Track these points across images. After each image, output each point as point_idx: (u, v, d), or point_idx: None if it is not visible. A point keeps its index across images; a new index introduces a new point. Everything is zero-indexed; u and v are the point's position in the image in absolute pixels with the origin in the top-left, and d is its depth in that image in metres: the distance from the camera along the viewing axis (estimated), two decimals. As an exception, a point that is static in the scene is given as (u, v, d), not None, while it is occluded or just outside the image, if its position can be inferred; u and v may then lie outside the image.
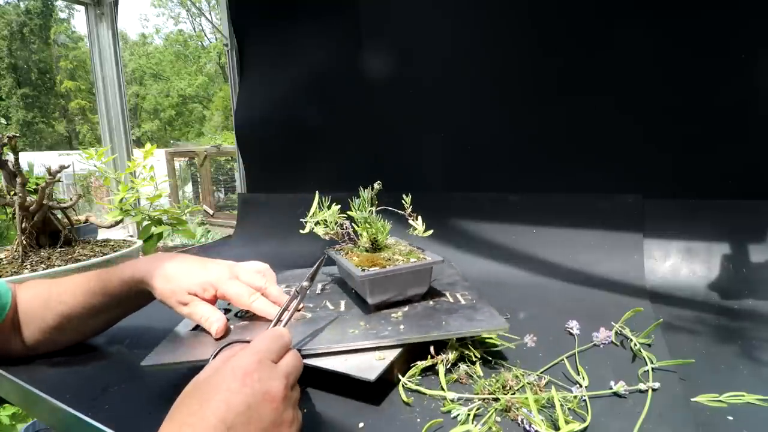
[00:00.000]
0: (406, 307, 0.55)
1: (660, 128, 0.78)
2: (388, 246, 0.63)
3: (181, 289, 0.49)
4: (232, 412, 0.30)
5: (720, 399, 0.41)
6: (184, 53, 19.40)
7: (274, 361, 0.36)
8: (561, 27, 0.84)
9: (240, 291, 0.50)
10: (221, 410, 0.30)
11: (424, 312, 0.52)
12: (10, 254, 0.91)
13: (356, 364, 0.43)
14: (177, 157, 5.71)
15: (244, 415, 0.31)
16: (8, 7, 15.17)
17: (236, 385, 0.32)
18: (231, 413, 0.30)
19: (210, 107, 17.83)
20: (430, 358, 0.47)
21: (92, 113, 15.73)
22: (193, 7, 17.64)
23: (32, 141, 15.81)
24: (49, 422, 0.47)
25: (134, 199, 1.31)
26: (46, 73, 16.32)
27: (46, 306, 0.53)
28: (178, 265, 0.51)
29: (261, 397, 0.32)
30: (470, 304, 0.54)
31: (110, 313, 0.55)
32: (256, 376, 0.33)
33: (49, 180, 0.94)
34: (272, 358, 0.36)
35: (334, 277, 0.69)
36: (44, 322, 0.53)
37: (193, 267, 0.51)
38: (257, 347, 0.36)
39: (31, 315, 0.53)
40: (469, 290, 0.59)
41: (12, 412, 1.27)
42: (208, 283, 0.50)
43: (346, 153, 1.14)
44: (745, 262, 0.70)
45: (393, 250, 0.61)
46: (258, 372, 0.33)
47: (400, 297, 0.55)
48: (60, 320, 0.52)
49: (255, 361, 0.34)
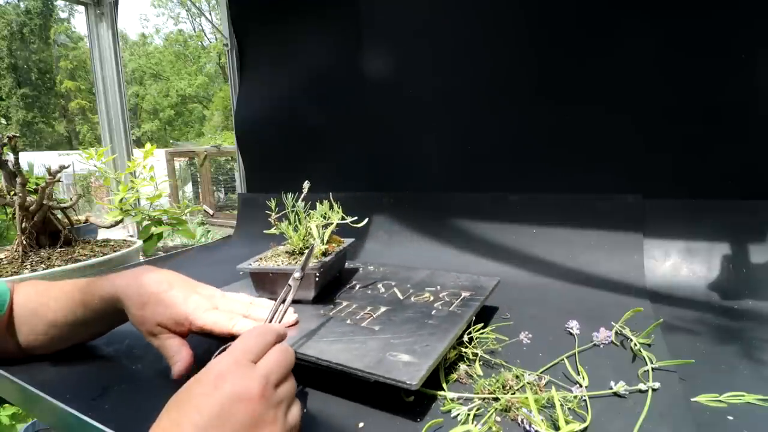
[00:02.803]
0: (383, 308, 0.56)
1: (660, 128, 0.78)
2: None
3: (153, 320, 0.46)
4: (204, 416, 0.30)
5: (720, 399, 0.41)
6: (184, 53, 19.40)
7: (254, 360, 0.35)
8: (561, 27, 0.84)
9: (217, 318, 0.46)
10: (194, 416, 0.31)
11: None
12: (10, 254, 0.91)
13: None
14: (177, 157, 5.71)
15: (217, 418, 0.31)
16: (8, 7, 15.17)
17: (208, 389, 0.32)
18: (204, 417, 0.30)
19: (210, 107, 17.83)
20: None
21: (92, 113, 15.73)
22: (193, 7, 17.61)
23: (32, 141, 15.81)
24: (49, 422, 0.47)
25: (134, 199, 1.31)
26: (46, 73, 16.32)
27: (34, 312, 0.52)
28: (156, 289, 0.47)
29: (235, 399, 0.32)
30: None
31: (93, 327, 0.53)
32: (228, 378, 0.32)
33: (49, 180, 0.94)
34: (251, 357, 0.35)
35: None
36: (34, 327, 0.52)
37: (172, 295, 0.47)
38: (235, 347, 0.36)
39: (22, 319, 0.52)
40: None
41: (12, 412, 1.27)
42: (183, 316, 0.46)
43: (346, 153, 1.14)
44: (745, 262, 0.70)
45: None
46: (231, 373, 0.33)
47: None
48: (46, 327, 0.52)
49: (230, 363, 0.34)
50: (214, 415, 0.31)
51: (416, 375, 0.39)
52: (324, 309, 0.57)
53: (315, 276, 0.58)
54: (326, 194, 0.69)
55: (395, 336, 0.47)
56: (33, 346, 0.53)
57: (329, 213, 0.66)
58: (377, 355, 0.43)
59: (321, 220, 0.65)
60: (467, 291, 0.60)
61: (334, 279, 0.69)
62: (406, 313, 0.54)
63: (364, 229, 0.72)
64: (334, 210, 0.66)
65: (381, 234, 1.01)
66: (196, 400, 0.31)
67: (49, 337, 0.52)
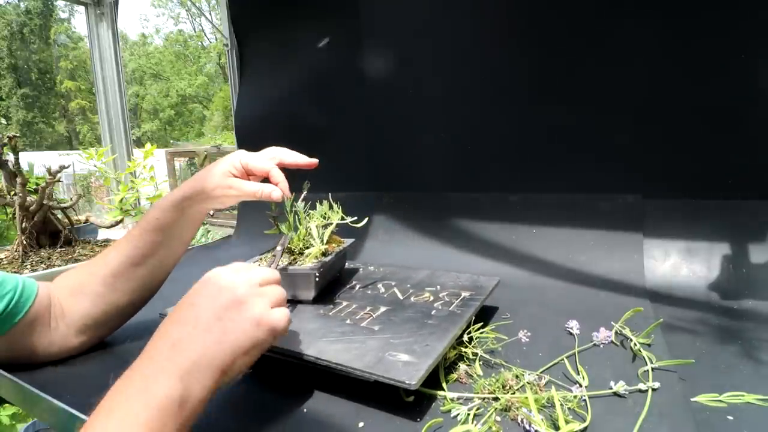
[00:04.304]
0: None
1: (660, 128, 0.78)
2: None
3: (219, 174, 0.55)
4: (193, 307, 0.37)
5: (720, 399, 0.41)
6: (184, 53, 19.40)
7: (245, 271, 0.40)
8: (562, 26, 0.84)
9: (265, 153, 0.58)
10: (187, 311, 0.37)
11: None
12: (10, 254, 0.92)
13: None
14: (177, 157, 5.70)
15: (211, 299, 0.37)
16: (8, 7, 15.17)
17: (197, 286, 0.39)
18: (194, 308, 0.37)
19: (210, 107, 17.83)
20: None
21: (92, 113, 15.72)
22: (193, 8, 17.62)
23: (32, 141, 15.82)
24: (49, 422, 0.47)
25: (134, 199, 1.31)
26: (46, 73, 16.33)
27: (92, 272, 0.53)
28: (202, 171, 0.56)
29: (221, 284, 0.38)
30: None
31: (156, 256, 0.55)
32: (218, 274, 0.39)
33: (49, 180, 0.94)
34: (244, 268, 0.41)
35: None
36: (93, 293, 0.52)
37: (213, 164, 0.57)
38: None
39: (76, 290, 0.53)
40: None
41: (12, 412, 1.27)
42: (231, 164, 0.55)
43: (346, 153, 1.14)
44: (745, 262, 0.70)
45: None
46: (222, 273, 0.39)
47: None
48: (107, 279, 0.53)
49: (224, 268, 0.40)
50: (202, 298, 0.37)
51: (415, 375, 0.39)
52: (324, 309, 0.57)
53: (315, 276, 0.58)
54: (326, 194, 0.69)
55: (395, 336, 0.47)
56: (86, 324, 0.53)
57: (329, 213, 0.66)
58: (377, 355, 0.43)
59: (321, 220, 0.66)
60: (467, 291, 0.60)
61: (334, 279, 0.69)
62: (406, 313, 0.54)
63: (364, 229, 0.72)
64: (334, 210, 0.66)
65: (381, 234, 1.01)
66: (188, 299, 0.38)
67: (111, 290, 0.53)
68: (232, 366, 0.35)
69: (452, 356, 0.49)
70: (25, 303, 0.49)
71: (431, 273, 0.70)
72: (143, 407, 0.30)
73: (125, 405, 0.31)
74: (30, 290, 0.50)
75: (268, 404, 0.44)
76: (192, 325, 0.35)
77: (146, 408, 0.30)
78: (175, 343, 0.34)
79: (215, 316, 0.36)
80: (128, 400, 0.31)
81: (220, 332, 0.35)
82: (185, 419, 0.32)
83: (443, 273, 0.69)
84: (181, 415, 0.31)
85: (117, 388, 0.32)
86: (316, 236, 0.63)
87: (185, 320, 0.36)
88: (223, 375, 0.35)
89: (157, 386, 0.31)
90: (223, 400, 0.45)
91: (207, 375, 0.33)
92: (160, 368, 0.33)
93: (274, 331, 0.38)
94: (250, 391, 0.47)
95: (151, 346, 0.35)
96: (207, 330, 0.35)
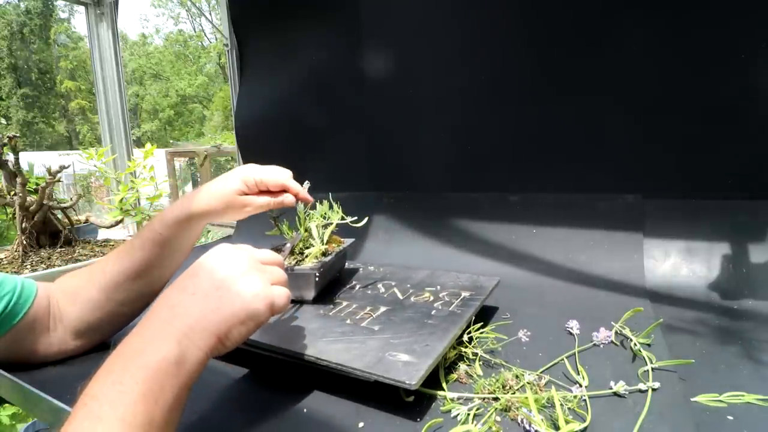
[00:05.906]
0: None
1: (660, 128, 0.78)
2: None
3: (230, 193, 0.55)
4: (194, 277, 0.38)
5: (720, 399, 0.41)
6: (184, 53, 19.40)
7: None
8: (561, 26, 0.84)
9: (275, 169, 0.58)
10: (189, 280, 0.38)
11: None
12: (10, 254, 0.91)
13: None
14: (177, 157, 5.70)
15: (204, 271, 0.38)
16: (8, 7, 15.16)
17: (201, 259, 0.39)
18: (193, 278, 0.38)
19: (210, 107, 17.83)
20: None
21: (92, 113, 15.72)
22: (193, 8, 17.63)
23: (32, 141, 15.81)
24: (49, 422, 0.47)
25: (134, 199, 1.31)
26: (46, 73, 16.32)
27: (90, 279, 0.53)
28: (206, 188, 0.56)
29: (224, 257, 0.39)
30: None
31: (155, 270, 0.55)
32: (222, 248, 0.40)
33: (49, 180, 0.94)
34: (248, 246, 0.41)
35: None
36: (88, 299, 0.52)
37: (218, 181, 0.56)
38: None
39: (72, 295, 0.53)
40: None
41: (12, 412, 1.27)
42: (242, 181, 0.55)
43: (346, 153, 1.14)
44: (745, 262, 0.70)
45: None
46: (226, 247, 0.40)
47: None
48: (104, 288, 0.53)
49: (229, 245, 0.41)
50: (202, 271, 0.38)
51: (415, 375, 0.39)
52: (324, 309, 0.57)
53: (315, 276, 0.58)
54: (326, 194, 0.69)
55: (395, 336, 0.47)
56: (82, 329, 0.53)
57: (329, 213, 0.66)
58: (377, 355, 0.43)
59: (321, 220, 0.66)
60: (467, 291, 0.60)
61: (334, 279, 0.69)
62: (406, 313, 0.54)
63: (364, 229, 0.72)
64: (334, 210, 0.67)
65: (381, 234, 1.01)
66: (189, 270, 0.39)
67: (107, 299, 0.53)
68: (228, 334, 0.36)
69: (452, 356, 0.49)
70: (24, 304, 0.49)
71: (431, 273, 0.70)
72: (140, 368, 0.31)
73: (123, 366, 0.32)
74: (29, 292, 0.50)
75: (268, 404, 0.44)
76: (191, 292, 0.36)
77: (143, 368, 0.31)
78: (174, 308, 0.36)
79: (214, 285, 0.37)
80: (126, 362, 0.32)
81: (218, 300, 0.36)
82: (183, 380, 0.33)
83: (443, 273, 0.69)
84: (179, 376, 0.32)
85: (118, 351, 0.33)
86: (316, 236, 0.63)
87: (185, 288, 0.37)
88: (219, 342, 0.36)
89: (154, 348, 0.33)
90: (224, 400, 0.45)
91: (203, 338, 0.34)
92: (158, 331, 0.34)
93: (273, 305, 0.38)
94: (250, 390, 0.47)
95: (152, 311, 0.36)
96: (205, 297, 0.36)
